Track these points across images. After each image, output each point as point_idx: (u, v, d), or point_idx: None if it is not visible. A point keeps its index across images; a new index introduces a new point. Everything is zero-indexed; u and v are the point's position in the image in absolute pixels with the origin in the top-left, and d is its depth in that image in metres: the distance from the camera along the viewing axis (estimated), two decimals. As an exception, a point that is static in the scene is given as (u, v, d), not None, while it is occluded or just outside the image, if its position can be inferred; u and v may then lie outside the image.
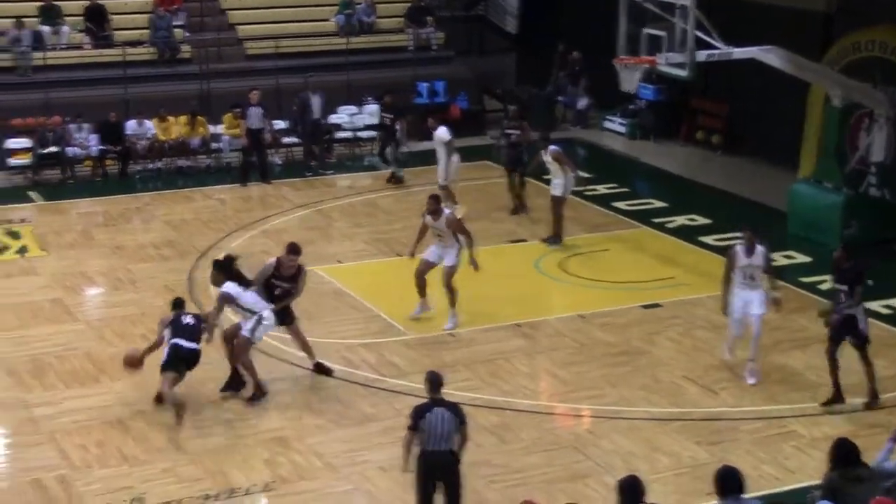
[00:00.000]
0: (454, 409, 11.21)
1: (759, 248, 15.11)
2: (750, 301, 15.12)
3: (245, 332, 14.47)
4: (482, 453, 13.33)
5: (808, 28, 22.88)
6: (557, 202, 20.10)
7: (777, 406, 14.73)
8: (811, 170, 21.84)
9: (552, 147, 20.32)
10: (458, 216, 18.06)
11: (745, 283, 15.15)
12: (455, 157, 21.72)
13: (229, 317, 15.05)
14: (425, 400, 11.33)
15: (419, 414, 11.12)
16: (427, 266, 16.94)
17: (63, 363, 15.75)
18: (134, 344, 15.60)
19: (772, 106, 24.34)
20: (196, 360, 14.15)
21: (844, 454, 9.81)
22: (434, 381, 11.37)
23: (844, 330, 14.38)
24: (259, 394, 14.64)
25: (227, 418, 14.31)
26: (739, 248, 15.17)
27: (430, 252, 16.94)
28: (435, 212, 16.72)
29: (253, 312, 14.44)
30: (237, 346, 14.55)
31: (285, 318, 15.16)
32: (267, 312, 14.56)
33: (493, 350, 16.33)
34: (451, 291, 16.74)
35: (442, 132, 21.75)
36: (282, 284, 14.95)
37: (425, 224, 16.96)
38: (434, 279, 16.96)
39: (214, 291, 15.20)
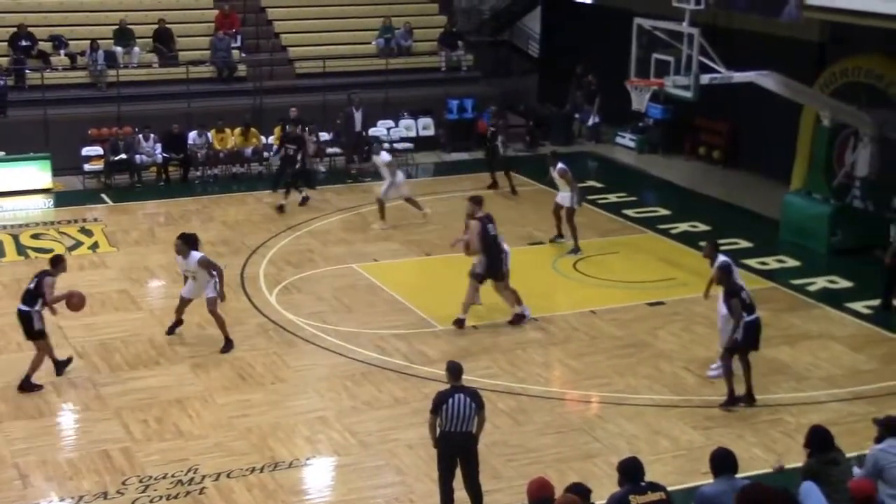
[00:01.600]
0: (473, 394, 11.20)
1: (719, 259, 14.93)
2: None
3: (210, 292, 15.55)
4: (500, 434, 13.33)
5: (802, 55, 22.73)
6: (569, 213, 20.01)
7: (767, 395, 14.64)
8: (802, 183, 21.71)
9: (560, 165, 20.21)
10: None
11: None
12: (400, 176, 21.60)
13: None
14: (447, 387, 11.32)
15: (441, 399, 11.13)
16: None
17: (128, 347, 15.84)
18: (190, 332, 15.69)
19: (768, 125, 24.23)
20: None
21: (820, 440, 9.76)
22: (454, 370, 11.37)
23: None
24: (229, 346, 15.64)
25: (274, 399, 14.36)
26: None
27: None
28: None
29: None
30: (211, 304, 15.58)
31: (496, 274, 16.41)
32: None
33: (512, 341, 16.31)
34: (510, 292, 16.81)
35: (384, 156, 21.60)
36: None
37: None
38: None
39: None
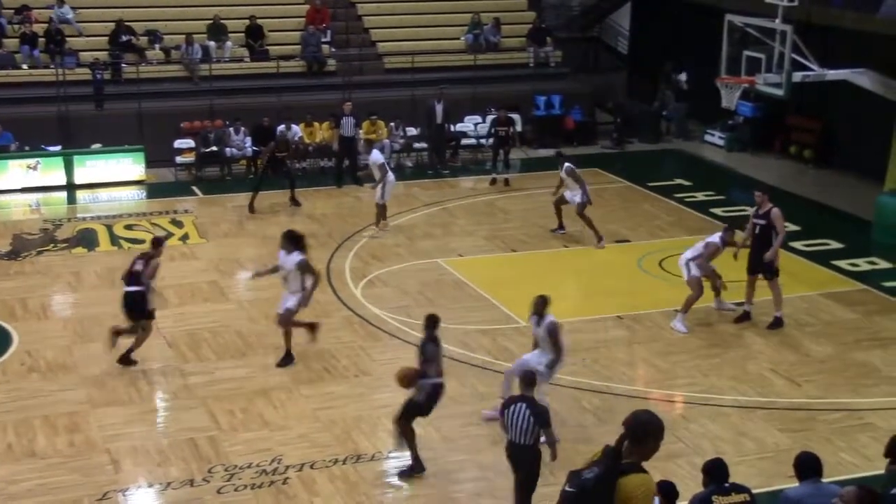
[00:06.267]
0: (536, 410, 10.90)
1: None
2: None
3: (290, 303, 15.01)
4: (583, 432, 13.26)
5: (897, 53, 22.26)
6: (581, 208, 19.86)
7: (856, 399, 14.38)
8: (896, 183, 21.27)
9: (567, 165, 20.05)
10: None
11: None
12: (390, 177, 20.71)
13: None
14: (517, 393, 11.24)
15: (505, 405, 11.10)
16: None
17: (216, 338, 16.07)
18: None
19: (861, 123, 23.77)
20: None
21: None
22: (524, 379, 11.19)
23: None
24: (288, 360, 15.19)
25: (358, 392, 14.46)
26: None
27: None
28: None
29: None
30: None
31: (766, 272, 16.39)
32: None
33: (597, 339, 16.22)
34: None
35: (376, 156, 20.90)
36: None
37: None
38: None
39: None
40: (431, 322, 12.45)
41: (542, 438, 11.03)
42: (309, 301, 15.18)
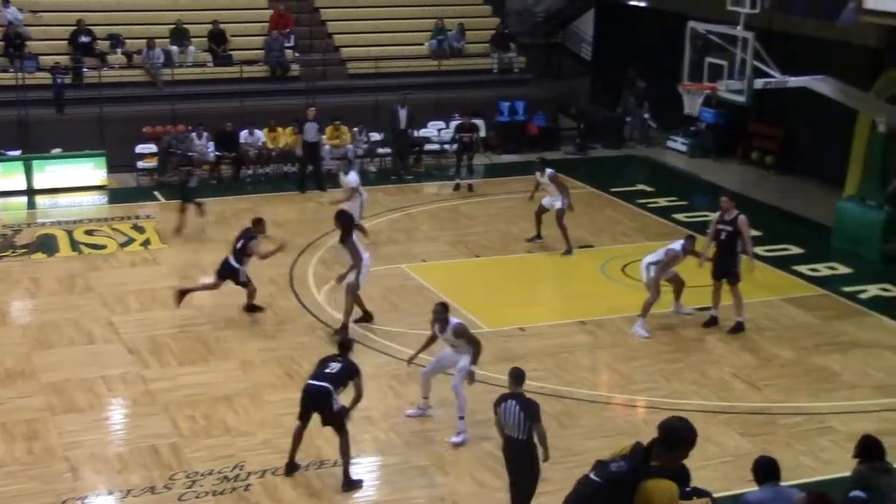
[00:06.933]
0: (526, 405, 11.01)
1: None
2: None
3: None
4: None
5: (858, 60, 22.48)
6: (559, 214, 19.90)
7: (816, 403, 14.50)
8: (856, 189, 21.44)
9: (549, 171, 20.07)
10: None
11: None
12: (365, 195, 20.47)
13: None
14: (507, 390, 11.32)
15: (497, 402, 11.16)
16: None
17: (177, 343, 15.97)
18: (240, 329, 15.80)
19: (822, 130, 23.99)
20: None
21: (870, 449, 9.63)
22: (513, 376, 11.33)
23: None
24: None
25: (320, 397, 14.40)
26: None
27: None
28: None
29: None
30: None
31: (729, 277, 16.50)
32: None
33: (560, 344, 16.25)
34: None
35: (352, 177, 20.38)
36: None
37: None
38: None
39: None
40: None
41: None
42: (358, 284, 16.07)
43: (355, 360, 12.68)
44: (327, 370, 12.27)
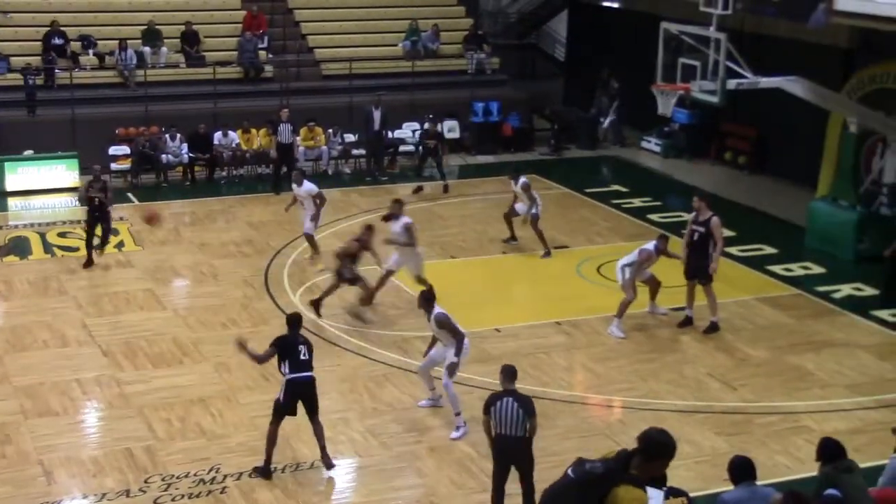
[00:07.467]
0: (523, 401, 11.11)
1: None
2: None
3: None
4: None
5: (829, 61, 22.63)
6: (534, 219, 19.91)
7: (790, 402, 14.59)
8: (828, 189, 21.60)
9: (522, 180, 20.02)
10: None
11: None
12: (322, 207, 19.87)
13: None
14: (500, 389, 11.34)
15: (490, 401, 11.16)
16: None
17: (152, 346, 15.90)
18: (215, 331, 15.74)
19: (795, 131, 24.13)
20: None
21: (832, 450, 9.70)
22: (506, 373, 11.39)
23: None
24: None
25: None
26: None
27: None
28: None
29: None
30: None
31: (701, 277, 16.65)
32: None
33: (535, 345, 16.28)
34: None
35: (309, 186, 19.47)
36: None
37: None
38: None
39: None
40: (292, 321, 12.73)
41: None
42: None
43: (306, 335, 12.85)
44: (302, 358, 12.34)
